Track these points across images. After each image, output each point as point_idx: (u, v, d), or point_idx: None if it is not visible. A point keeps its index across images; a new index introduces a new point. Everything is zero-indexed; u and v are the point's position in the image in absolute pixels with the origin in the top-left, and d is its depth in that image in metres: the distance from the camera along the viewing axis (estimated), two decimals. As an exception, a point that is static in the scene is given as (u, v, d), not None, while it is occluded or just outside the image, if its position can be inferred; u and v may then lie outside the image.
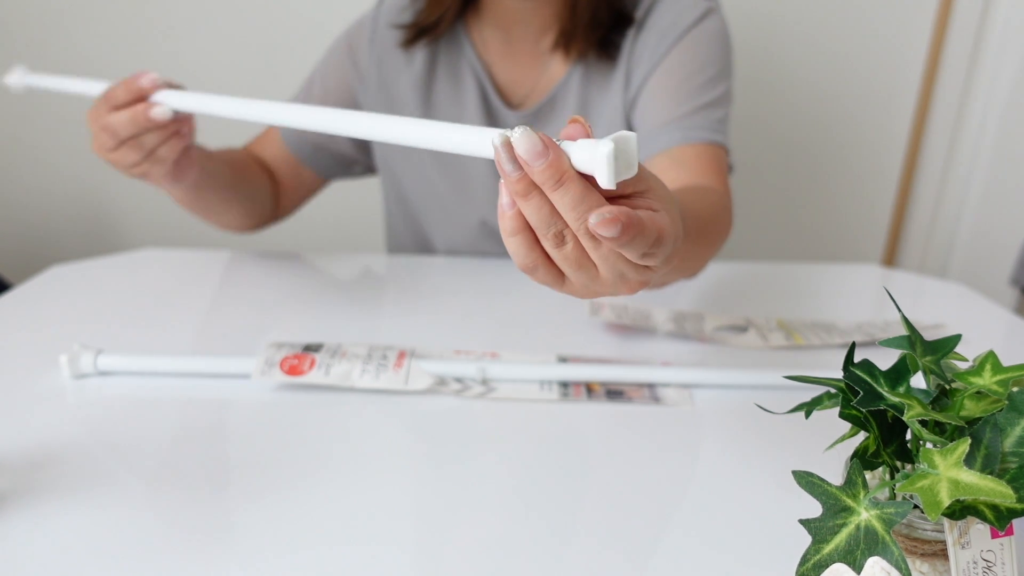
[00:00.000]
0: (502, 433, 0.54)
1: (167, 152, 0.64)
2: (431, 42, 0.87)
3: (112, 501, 0.45)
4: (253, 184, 0.87)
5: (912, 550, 0.33)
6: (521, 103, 0.87)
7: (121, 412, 0.56)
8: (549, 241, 0.37)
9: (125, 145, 0.62)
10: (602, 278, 0.38)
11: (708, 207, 0.67)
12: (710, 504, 0.47)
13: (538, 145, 0.33)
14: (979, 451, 0.31)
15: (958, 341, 0.35)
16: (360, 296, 0.83)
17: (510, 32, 0.85)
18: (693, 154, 0.77)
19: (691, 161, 0.76)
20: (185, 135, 0.64)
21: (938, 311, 0.77)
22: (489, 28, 0.86)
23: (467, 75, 0.87)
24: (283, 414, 0.56)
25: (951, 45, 1.43)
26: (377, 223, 1.37)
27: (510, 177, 0.35)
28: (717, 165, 0.77)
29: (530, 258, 0.38)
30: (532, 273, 0.39)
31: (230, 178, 0.81)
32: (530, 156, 0.34)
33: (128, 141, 0.62)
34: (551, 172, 0.34)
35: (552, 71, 0.86)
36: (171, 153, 0.64)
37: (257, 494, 0.47)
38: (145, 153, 0.63)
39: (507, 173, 0.35)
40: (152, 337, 0.68)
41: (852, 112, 1.49)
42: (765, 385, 0.60)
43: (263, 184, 0.89)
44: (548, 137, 0.34)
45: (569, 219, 0.35)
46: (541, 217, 0.36)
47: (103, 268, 0.86)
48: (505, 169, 0.35)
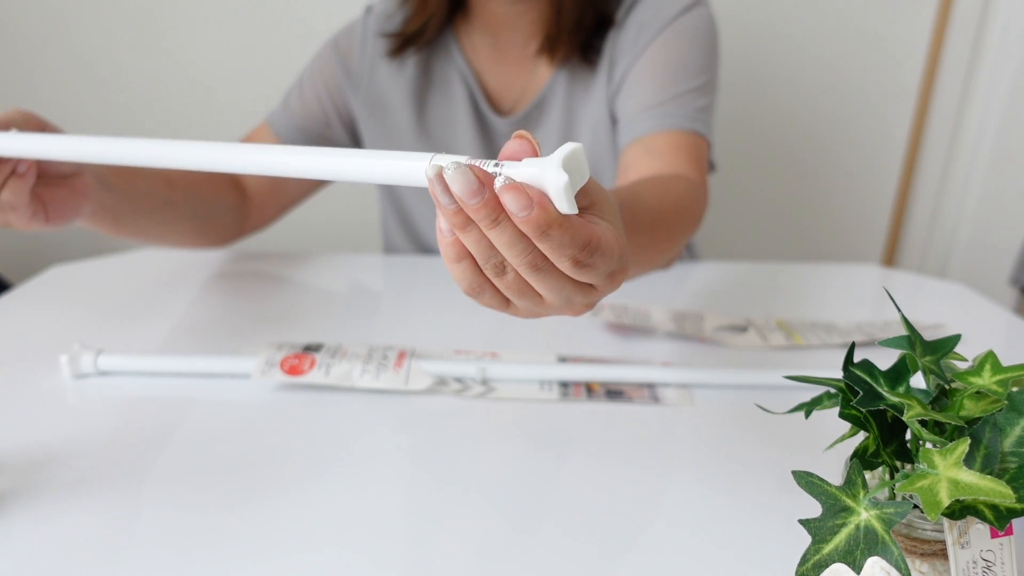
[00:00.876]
0: (502, 433, 0.54)
1: (11, 197, 0.55)
2: (421, 49, 0.86)
3: (112, 501, 0.45)
4: (205, 198, 0.79)
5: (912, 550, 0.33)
6: (511, 109, 0.87)
7: (121, 412, 0.56)
8: (490, 271, 0.36)
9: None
10: (547, 303, 0.38)
11: (671, 198, 0.64)
12: (710, 504, 0.47)
13: (473, 184, 0.32)
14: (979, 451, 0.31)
15: (958, 341, 0.35)
16: (360, 296, 0.83)
17: (498, 37, 0.85)
18: (667, 142, 0.75)
19: (664, 149, 0.75)
20: (26, 174, 0.56)
21: (938, 311, 0.77)
22: (478, 34, 0.86)
23: (457, 82, 0.87)
24: (283, 414, 0.56)
25: (951, 45, 1.43)
26: (374, 225, 1.37)
27: (446, 210, 0.33)
28: (692, 153, 0.75)
29: (475, 283, 0.37)
30: (478, 297, 0.38)
31: (165, 196, 0.73)
32: (465, 195, 0.32)
33: None
34: (486, 212, 0.33)
35: (539, 76, 0.86)
36: (17, 197, 0.55)
37: (256, 494, 0.47)
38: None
39: (443, 205, 0.33)
40: (152, 337, 0.68)
41: (852, 112, 1.49)
42: (765, 385, 0.60)
43: (221, 197, 0.82)
44: (483, 171, 0.32)
45: (509, 256, 0.34)
46: (480, 250, 0.35)
47: (103, 268, 0.86)
48: (440, 202, 0.33)
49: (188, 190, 0.77)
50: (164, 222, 0.75)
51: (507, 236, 0.33)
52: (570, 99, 0.85)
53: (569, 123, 0.86)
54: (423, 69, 0.87)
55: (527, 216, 0.32)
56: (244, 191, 0.86)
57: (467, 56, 0.87)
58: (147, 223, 0.73)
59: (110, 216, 0.67)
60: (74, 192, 0.61)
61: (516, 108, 0.87)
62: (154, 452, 0.51)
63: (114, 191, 0.66)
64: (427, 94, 0.88)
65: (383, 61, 0.87)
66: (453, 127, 0.88)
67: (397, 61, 0.87)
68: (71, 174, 0.61)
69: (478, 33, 0.86)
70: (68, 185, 0.61)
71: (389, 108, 0.88)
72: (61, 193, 0.60)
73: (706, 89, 0.80)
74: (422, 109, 0.88)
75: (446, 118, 0.88)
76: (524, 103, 0.87)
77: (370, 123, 0.89)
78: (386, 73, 0.87)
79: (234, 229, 0.86)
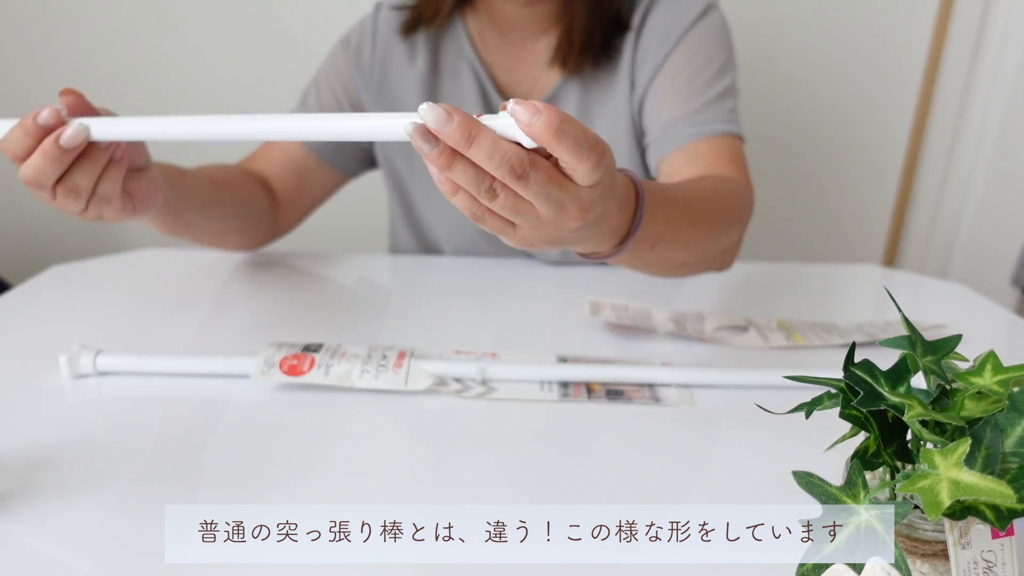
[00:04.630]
0: (502, 433, 0.54)
1: (109, 188, 0.54)
2: (432, 40, 0.87)
3: (112, 501, 0.45)
4: (245, 199, 0.82)
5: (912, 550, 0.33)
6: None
7: (121, 412, 0.56)
8: (484, 198, 0.41)
9: (60, 192, 0.52)
10: (543, 217, 0.42)
11: (710, 187, 0.67)
12: (710, 504, 0.46)
13: (442, 114, 0.38)
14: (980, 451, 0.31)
15: (958, 341, 0.35)
16: (360, 296, 0.83)
17: (508, 35, 0.85)
18: (707, 148, 0.77)
19: (706, 155, 0.76)
20: (121, 160, 0.55)
21: (939, 311, 0.77)
22: (487, 28, 0.86)
23: (467, 74, 0.87)
24: (282, 414, 0.56)
25: (952, 45, 1.43)
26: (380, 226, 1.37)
27: (430, 155, 0.39)
28: (732, 154, 0.77)
29: (475, 210, 0.43)
30: (482, 222, 0.44)
31: (213, 195, 0.75)
32: (438, 124, 0.38)
33: (58, 187, 0.52)
34: (460, 132, 0.39)
35: (552, 73, 0.86)
36: (113, 187, 0.55)
37: (255, 494, 0.46)
38: (84, 196, 0.53)
39: (427, 152, 0.39)
40: (152, 337, 0.68)
41: (853, 112, 1.49)
42: (765, 385, 0.60)
43: (258, 198, 0.85)
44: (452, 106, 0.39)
45: (490, 169, 0.39)
46: (468, 180, 0.40)
47: (103, 268, 0.86)
48: (423, 149, 0.39)
49: (231, 190, 0.79)
50: (215, 219, 0.77)
51: (484, 148, 0.39)
52: (585, 98, 0.85)
53: (583, 119, 0.85)
54: (433, 62, 0.88)
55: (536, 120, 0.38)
56: (273, 193, 0.89)
57: (477, 49, 0.87)
58: (201, 219, 0.74)
59: (171, 212, 0.68)
60: (152, 183, 0.61)
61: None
62: (153, 452, 0.51)
63: (174, 187, 0.67)
64: (437, 87, 0.88)
65: (393, 55, 0.88)
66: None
67: (408, 55, 0.87)
68: (146, 166, 0.61)
69: (487, 27, 0.86)
70: (146, 177, 0.60)
71: (399, 101, 0.89)
72: (142, 184, 0.60)
73: (733, 89, 0.82)
74: (432, 98, 0.88)
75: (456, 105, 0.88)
76: (536, 98, 0.87)
77: (381, 110, 0.90)
78: (396, 67, 0.88)
79: (270, 230, 0.89)
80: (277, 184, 0.90)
